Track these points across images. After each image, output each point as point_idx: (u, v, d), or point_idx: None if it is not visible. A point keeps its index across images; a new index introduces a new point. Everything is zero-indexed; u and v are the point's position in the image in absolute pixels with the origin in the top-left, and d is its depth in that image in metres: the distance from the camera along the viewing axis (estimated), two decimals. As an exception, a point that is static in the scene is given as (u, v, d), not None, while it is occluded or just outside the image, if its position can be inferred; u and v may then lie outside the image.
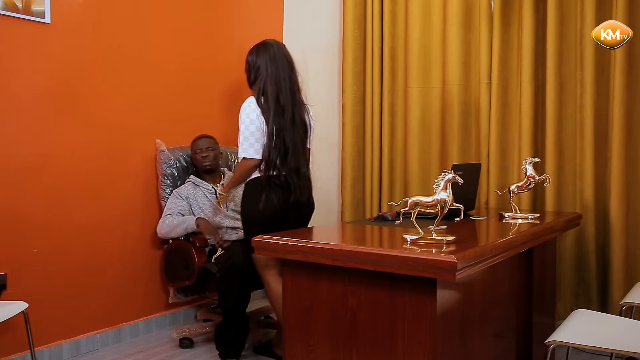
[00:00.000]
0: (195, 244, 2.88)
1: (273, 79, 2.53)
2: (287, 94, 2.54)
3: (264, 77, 2.54)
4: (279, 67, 2.56)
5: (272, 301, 2.58)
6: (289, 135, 2.53)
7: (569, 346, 1.72)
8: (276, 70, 2.55)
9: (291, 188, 2.53)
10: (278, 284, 2.53)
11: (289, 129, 2.52)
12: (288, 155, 2.52)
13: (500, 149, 3.10)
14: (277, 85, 2.53)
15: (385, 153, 3.48)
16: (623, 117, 2.75)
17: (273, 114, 2.49)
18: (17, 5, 2.55)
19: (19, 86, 2.60)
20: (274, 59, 2.57)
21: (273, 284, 2.54)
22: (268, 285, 2.57)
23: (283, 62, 2.59)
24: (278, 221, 2.48)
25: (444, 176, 1.73)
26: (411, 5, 3.31)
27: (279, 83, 2.54)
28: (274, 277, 2.54)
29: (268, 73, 2.54)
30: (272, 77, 2.53)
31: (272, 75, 2.54)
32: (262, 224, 2.43)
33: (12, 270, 2.56)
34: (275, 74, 2.54)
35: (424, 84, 3.33)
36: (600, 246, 2.89)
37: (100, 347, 2.93)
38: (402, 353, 1.61)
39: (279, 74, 2.55)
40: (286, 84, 2.55)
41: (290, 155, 2.53)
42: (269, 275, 2.55)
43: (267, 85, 2.52)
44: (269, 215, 2.50)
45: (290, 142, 2.53)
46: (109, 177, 2.95)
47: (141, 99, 3.10)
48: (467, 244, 1.68)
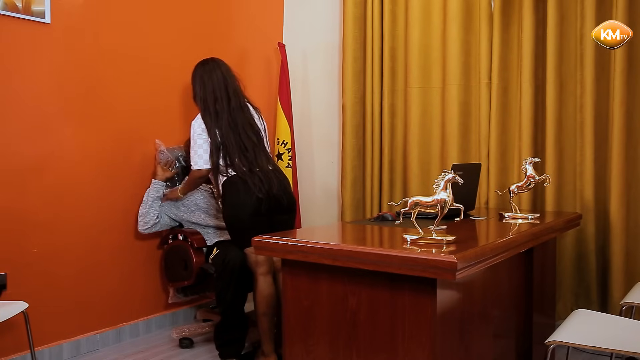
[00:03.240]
0: (193, 244, 2.89)
1: (209, 93, 2.75)
2: (222, 103, 2.73)
3: (200, 93, 2.77)
4: (212, 80, 2.77)
5: (256, 301, 2.61)
6: (234, 137, 2.68)
7: (569, 346, 1.72)
8: (210, 84, 2.76)
9: (249, 184, 2.60)
10: (265, 283, 2.58)
11: (230, 133, 2.68)
12: (236, 155, 2.65)
13: (500, 149, 3.10)
14: (213, 97, 2.73)
15: (385, 153, 3.48)
16: (623, 117, 2.75)
17: (213, 124, 2.69)
18: (17, 5, 2.55)
19: (19, 86, 2.60)
20: (208, 74, 2.79)
21: (260, 283, 2.58)
22: (255, 283, 2.61)
23: (217, 74, 2.78)
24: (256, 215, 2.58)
25: (444, 176, 1.73)
26: (411, 5, 3.31)
27: (213, 95, 2.74)
28: (261, 276, 2.58)
29: (204, 89, 2.76)
30: (207, 92, 2.75)
31: (207, 90, 2.75)
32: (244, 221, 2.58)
33: (12, 270, 2.56)
34: (210, 87, 2.75)
35: (424, 84, 3.33)
36: (600, 246, 2.89)
37: (100, 347, 2.93)
38: (402, 353, 1.61)
39: (213, 87, 2.75)
40: (221, 94, 2.74)
41: (239, 155, 2.66)
42: (258, 273, 2.59)
43: (204, 99, 2.75)
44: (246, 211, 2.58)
45: (235, 143, 2.68)
46: (109, 177, 2.95)
47: (141, 99, 3.10)
48: (467, 244, 1.68)
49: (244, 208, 2.58)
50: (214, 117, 2.70)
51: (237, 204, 2.60)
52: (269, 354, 2.59)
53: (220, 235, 2.96)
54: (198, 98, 2.78)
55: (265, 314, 2.57)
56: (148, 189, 3.03)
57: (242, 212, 2.59)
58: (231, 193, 2.63)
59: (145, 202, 3.00)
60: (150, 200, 3.00)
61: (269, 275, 2.61)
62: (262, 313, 2.57)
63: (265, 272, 2.59)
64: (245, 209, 2.58)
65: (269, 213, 2.63)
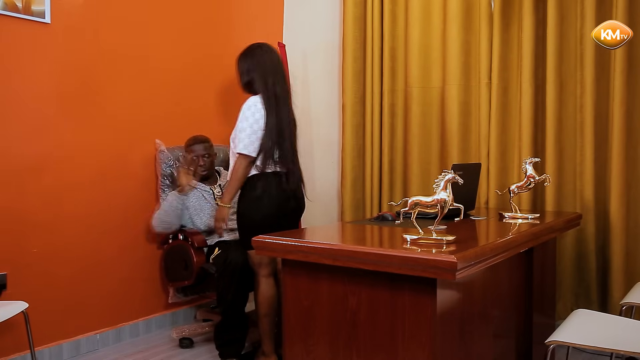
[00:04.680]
0: (194, 244, 2.89)
1: (269, 79, 2.58)
2: (282, 93, 2.61)
3: (260, 79, 2.59)
4: (274, 68, 2.62)
5: (257, 302, 2.59)
6: (287, 133, 2.59)
7: (569, 346, 1.72)
8: (271, 71, 2.60)
9: (284, 182, 2.56)
10: (267, 285, 2.57)
11: (285, 127, 2.58)
12: (285, 152, 2.57)
13: (500, 149, 3.10)
14: (273, 85, 2.58)
15: (385, 153, 3.48)
16: (623, 117, 2.75)
17: (275, 113, 2.54)
18: (17, 5, 2.55)
19: (19, 86, 2.60)
20: (267, 60, 2.62)
21: (262, 285, 2.57)
22: (257, 284, 2.59)
23: (275, 62, 2.64)
24: (275, 218, 2.52)
25: (444, 176, 1.73)
26: (411, 5, 3.31)
27: (274, 83, 2.59)
28: (264, 278, 2.57)
29: (264, 74, 2.59)
30: (267, 78, 2.58)
31: (268, 76, 2.59)
32: (261, 222, 2.47)
33: (12, 270, 2.56)
34: (271, 74, 2.60)
35: (424, 84, 3.33)
36: (600, 246, 2.89)
37: (100, 347, 2.93)
38: (402, 353, 1.61)
39: (273, 75, 2.60)
40: (280, 83, 2.61)
41: (286, 152, 2.58)
42: (260, 274, 2.57)
43: (264, 85, 2.57)
44: (267, 213, 2.52)
45: (287, 139, 2.59)
46: (108, 177, 2.95)
47: (141, 99, 3.10)
48: (467, 244, 1.68)
49: (262, 208, 2.52)
50: (273, 102, 2.55)
51: (257, 202, 2.53)
52: (270, 354, 2.59)
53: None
54: (256, 87, 2.59)
55: (266, 315, 2.57)
56: (166, 200, 2.91)
57: (259, 211, 2.52)
58: (256, 189, 2.54)
59: (165, 214, 2.90)
60: (172, 214, 2.90)
61: (272, 277, 2.60)
62: (263, 314, 2.57)
63: (268, 274, 2.57)
64: (261, 210, 2.52)
65: (283, 216, 2.58)
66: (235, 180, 2.55)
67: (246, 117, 2.53)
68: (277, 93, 2.58)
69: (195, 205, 2.99)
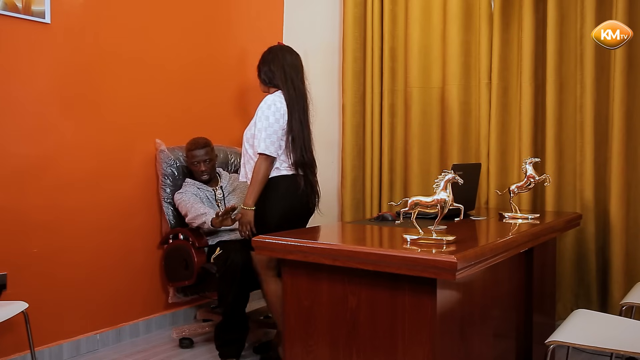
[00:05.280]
0: (194, 244, 2.88)
1: (291, 75, 2.59)
2: (302, 92, 2.60)
3: (281, 73, 2.58)
4: (297, 67, 2.63)
5: (272, 303, 2.57)
6: (306, 133, 2.58)
7: (569, 346, 1.72)
8: (293, 69, 2.61)
9: (302, 184, 2.55)
10: (277, 284, 2.52)
11: (304, 128, 2.58)
12: (303, 153, 2.56)
13: (500, 149, 3.10)
14: (292, 82, 2.58)
15: (385, 153, 3.48)
16: (623, 117, 2.75)
17: (296, 112, 2.53)
18: (17, 5, 2.55)
19: (19, 86, 2.60)
20: (289, 58, 2.64)
21: (273, 285, 2.53)
22: (267, 285, 2.55)
23: (297, 62, 2.66)
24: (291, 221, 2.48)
25: (444, 176, 1.73)
26: (411, 5, 3.31)
27: (293, 80, 2.58)
28: (273, 278, 2.54)
29: (285, 73, 2.59)
30: (289, 74, 2.59)
31: (290, 72, 2.59)
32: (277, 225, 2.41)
33: (12, 270, 2.56)
34: (293, 71, 2.61)
35: (424, 84, 3.33)
36: (600, 246, 2.89)
37: (100, 347, 2.93)
38: (402, 353, 1.61)
39: (295, 72, 2.61)
40: (302, 82, 2.62)
41: (304, 154, 2.57)
42: (269, 275, 2.54)
43: (286, 81, 2.57)
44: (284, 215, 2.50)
45: (307, 140, 2.58)
46: (109, 177, 2.95)
47: (141, 99, 3.10)
48: (467, 244, 1.68)
49: (278, 210, 2.49)
50: (294, 100, 2.52)
51: (275, 204, 2.50)
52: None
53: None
54: (277, 77, 2.58)
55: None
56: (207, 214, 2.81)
57: (277, 213, 2.49)
58: (276, 190, 2.50)
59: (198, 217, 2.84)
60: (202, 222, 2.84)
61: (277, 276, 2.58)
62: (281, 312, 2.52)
63: (275, 274, 2.53)
64: (277, 211, 2.49)
65: (297, 219, 2.55)
66: (258, 181, 2.49)
67: (266, 117, 2.49)
68: (298, 89, 2.57)
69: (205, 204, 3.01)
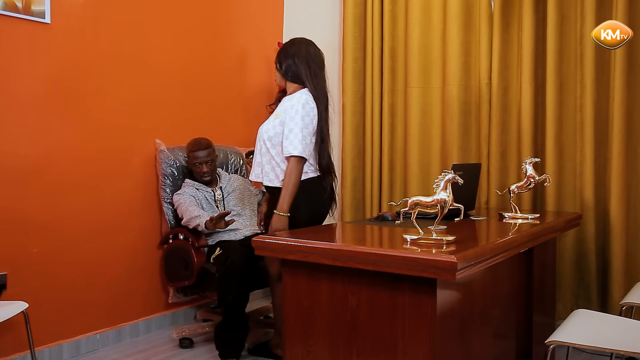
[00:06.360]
0: (194, 244, 2.88)
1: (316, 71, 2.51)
2: (324, 90, 2.52)
3: (306, 69, 2.49)
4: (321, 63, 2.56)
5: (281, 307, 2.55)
6: (328, 134, 2.53)
7: (569, 346, 1.72)
8: (318, 65, 2.54)
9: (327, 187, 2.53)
10: None
11: (327, 129, 2.52)
12: (327, 154, 2.52)
13: (500, 149, 3.10)
14: (317, 78, 2.50)
15: (385, 153, 3.48)
16: (623, 117, 2.75)
17: (322, 112, 2.46)
18: (17, 5, 2.55)
19: (19, 86, 2.60)
20: (312, 52, 2.55)
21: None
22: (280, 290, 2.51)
23: (321, 57, 2.58)
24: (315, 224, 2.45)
25: (444, 176, 1.73)
26: (411, 5, 3.31)
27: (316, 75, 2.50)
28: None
29: (310, 69, 2.50)
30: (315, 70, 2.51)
31: (315, 68, 2.51)
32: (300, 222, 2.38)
33: (12, 270, 2.56)
34: (317, 67, 2.53)
35: (424, 84, 3.33)
36: (600, 246, 2.89)
37: (100, 347, 2.93)
38: (402, 353, 1.61)
39: (319, 69, 2.53)
40: (324, 79, 2.54)
41: (328, 155, 2.52)
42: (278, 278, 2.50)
43: (314, 81, 2.48)
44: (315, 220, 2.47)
45: (329, 141, 2.53)
46: (109, 177, 2.95)
47: (141, 99, 3.10)
48: (467, 244, 1.68)
49: (306, 215, 2.43)
50: (322, 99, 2.43)
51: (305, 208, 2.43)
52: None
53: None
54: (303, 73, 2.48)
55: None
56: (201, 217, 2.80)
57: (304, 217, 2.41)
58: (305, 193, 2.42)
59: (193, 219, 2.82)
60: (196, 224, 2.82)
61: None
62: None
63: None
64: (306, 216, 2.42)
65: (319, 224, 2.50)
66: (292, 185, 2.36)
67: (302, 117, 2.37)
68: (321, 87, 2.49)
69: (203, 206, 3.00)
